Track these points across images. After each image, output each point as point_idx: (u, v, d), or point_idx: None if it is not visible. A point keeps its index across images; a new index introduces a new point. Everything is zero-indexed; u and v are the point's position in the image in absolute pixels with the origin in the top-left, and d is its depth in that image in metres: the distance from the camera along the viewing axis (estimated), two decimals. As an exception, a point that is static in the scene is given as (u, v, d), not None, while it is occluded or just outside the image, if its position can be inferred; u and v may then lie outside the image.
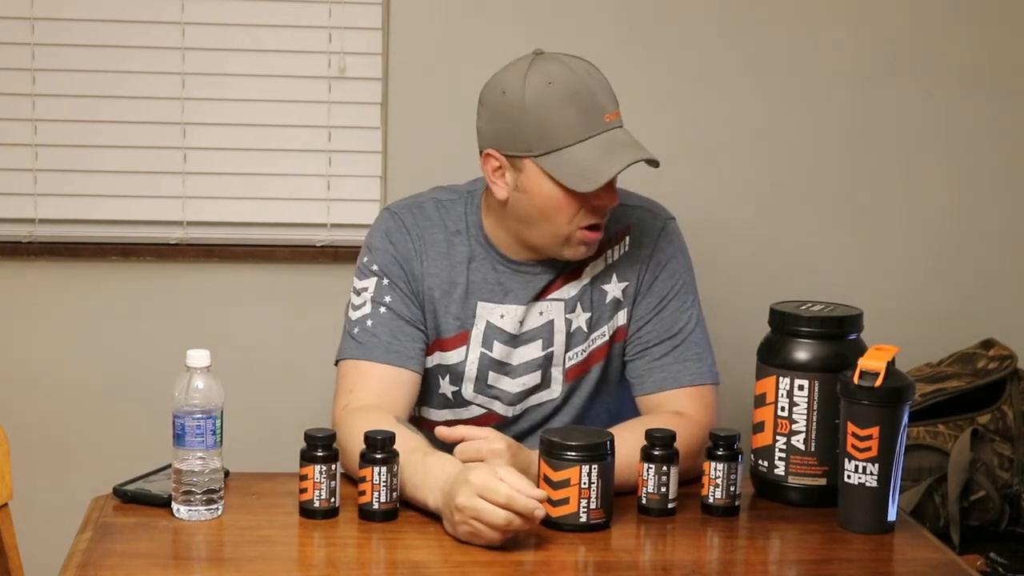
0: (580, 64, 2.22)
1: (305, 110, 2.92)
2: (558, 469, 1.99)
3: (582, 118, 2.16)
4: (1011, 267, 3.08)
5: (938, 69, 3.00)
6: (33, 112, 2.88)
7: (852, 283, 3.01)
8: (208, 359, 1.99)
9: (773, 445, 2.15)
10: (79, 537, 1.96)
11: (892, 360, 2.04)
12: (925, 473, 2.71)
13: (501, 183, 2.22)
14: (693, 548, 2.01)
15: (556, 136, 2.16)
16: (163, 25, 2.86)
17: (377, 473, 2.00)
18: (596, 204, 2.19)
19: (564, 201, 2.18)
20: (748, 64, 2.96)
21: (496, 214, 2.29)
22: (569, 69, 2.19)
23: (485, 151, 2.23)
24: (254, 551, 1.92)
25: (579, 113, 2.16)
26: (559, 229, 2.21)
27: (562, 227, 2.21)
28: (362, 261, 2.34)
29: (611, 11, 2.92)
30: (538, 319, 2.31)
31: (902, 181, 3.03)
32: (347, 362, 2.27)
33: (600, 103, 2.18)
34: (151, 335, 2.94)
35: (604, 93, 2.20)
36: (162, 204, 2.92)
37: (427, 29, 2.90)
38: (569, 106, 2.16)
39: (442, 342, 2.32)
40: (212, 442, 1.99)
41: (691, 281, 2.35)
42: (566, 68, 2.19)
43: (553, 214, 2.20)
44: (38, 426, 2.92)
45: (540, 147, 2.17)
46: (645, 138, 2.84)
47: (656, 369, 2.29)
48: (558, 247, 2.23)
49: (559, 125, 2.16)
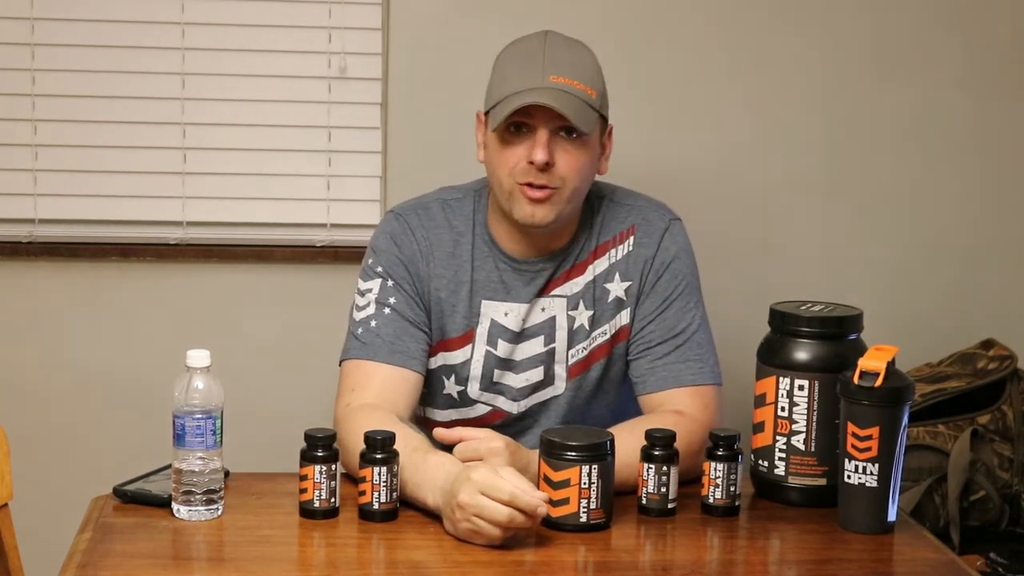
0: (563, 40, 2.27)
1: (305, 110, 2.92)
2: (558, 469, 1.99)
3: (525, 72, 2.20)
4: (1011, 267, 3.08)
5: (939, 69, 3.00)
6: (33, 112, 2.88)
7: (852, 283, 3.00)
8: (208, 359, 1.99)
9: (773, 445, 2.15)
10: (79, 537, 1.96)
11: (892, 360, 2.04)
12: (925, 473, 2.71)
13: (480, 143, 2.30)
14: (693, 548, 2.01)
15: (500, 88, 2.23)
16: (163, 25, 2.86)
17: (377, 473, 2.00)
18: (528, 160, 2.20)
19: (500, 152, 2.23)
20: (749, 63, 2.96)
21: (492, 201, 2.30)
22: (540, 37, 2.26)
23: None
24: (254, 551, 1.92)
25: (523, 68, 2.21)
26: (503, 183, 2.24)
27: (504, 180, 2.23)
28: (367, 263, 2.34)
29: (613, 10, 2.92)
30: (540, 315, 2.32)
31: (902, 181, 3.03)
32: (350, 362, 2.27)
33: (549, 65, 2.21)
34: (151, 335, 2.94)
35: (565, 62, 2.22)
36: (162, 204, 2.93)
37: (427, 29, 2.90)
38: (517, 62, 2.23)
39: (447, 342, 2.33)
40: (212, 442, 1.99)
41: (695, 282, 2.35)
42: (538, 36, 2.26)
43: (495, 167, 2.25)
44: (38, 426, 2.91)
45: (490, 100, 2.25)
46: (645, 137, 2.83)
47: (658, 368, 2.29)
48: (509, 206, 2.25)
49: (504, 78, 2.23)
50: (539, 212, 2.23)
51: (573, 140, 2.21)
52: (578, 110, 2.19)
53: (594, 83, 2.24)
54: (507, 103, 2.19)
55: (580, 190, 2.26)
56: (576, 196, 2.25)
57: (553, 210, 2.23)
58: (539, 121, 2.19)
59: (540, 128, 2.19)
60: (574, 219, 2.32)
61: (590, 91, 2.22)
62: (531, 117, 2.19)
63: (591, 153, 2.25)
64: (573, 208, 2.27)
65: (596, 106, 2.23)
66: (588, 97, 2.21)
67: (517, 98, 2.18)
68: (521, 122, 2.20)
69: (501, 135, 2.22)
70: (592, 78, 2.24)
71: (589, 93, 2.21)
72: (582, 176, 2.24)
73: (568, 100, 2.18)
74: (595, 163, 2.28)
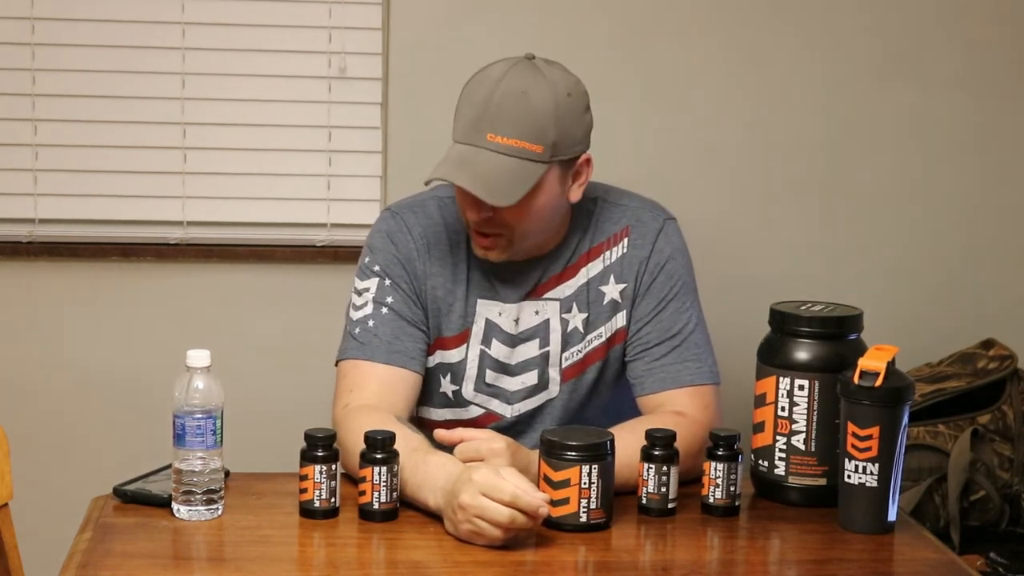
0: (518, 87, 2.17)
1: (305, 110, 2.92)
2: (558, 469, 1.99)
3: (470, 124, 2.18)
4: (1012, 267, 3.08)
5: (939, 69, 3.00)
6: (33, 112, 2.88)
7: (852, 283, 3.00)
8: (208, 359, 1.99)
9: (773, 445, 2.15)
10: (79, 537, 1.96)
11: (892, 360, 2.04)
12: (925, 473, 2.71)
13: None
14: (693, 548, 2.01)
15: (455, 127, 2.22)
16: (163, 25, 2.86)
17: (377, 473, 2.00)
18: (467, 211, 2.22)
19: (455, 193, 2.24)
20: (749, 63, 2.96)
21: None
22: (493, 84, 2.17)
23: None
24: (254, 551, 1.92)
25: (469, 119, 2.18)
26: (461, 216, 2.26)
27: (461, 218, 2.26)
28: (364, 262, 2.34)
29: (611, 10, 2.92)
30: (534, 318, 2.32)
31: (903, 181, 3.03)
32: (348, 362, 2.27)
33: (490, 121, 2.16)
34: (151, 335, 2.94)
35: (509, 118, 2.15)
36: (162, 204, 2.93)
37: (427, 29, 2.90)
38: (469, 107, 2.19)
39: (444, 340, 2.32)
40: (212, 442, 1.99)
41: (690, 282, 2.35)
42: (492, 82, 2.18)
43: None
44: (38, 426, 2.92)
45: (453, 134, 2.23)
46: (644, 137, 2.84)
47: (656, 369, 2.29)
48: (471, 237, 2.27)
49: (458, 118, 2.21)
50: (492, 254, 2.25)
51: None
52: (505, 180, 2.14)
53: (543, 135, 2.16)
54: (441, 165, 2.17)
55: (536, 227, 2.23)
56: (532, 233, 2.24)
57: (505, 251, 2.24)
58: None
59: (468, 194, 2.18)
60: (559, 229, 2.30)
61: (534, 147, 2.15)
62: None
63: (546, 195, 2.20)
64: (535, 241, 2.27)
65: (545, 159, 2.16)
66: (529, 154, 2.15)
67: (443, 167, 2.17)
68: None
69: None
70: (540, 131, 2.16)
71: (532, 149, 2.15)
72: (532, 217, 2.21)
73: (493, 172, 2.14)
74: (555, 199, 2.22)
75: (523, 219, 2.20)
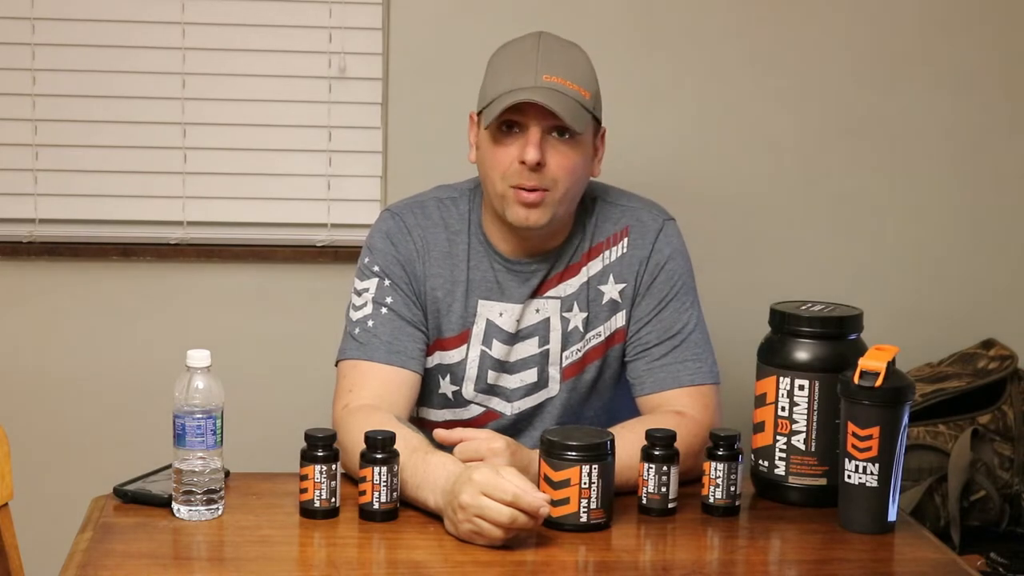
0: (557, 41, 2.25)
1: (305, 110, 2.92)
2: (558, 469, 1.99)
3: (518, 72, 2.20)
4: (1011, 267, 3.08)
5: (940, 69, 3.00)
6: (33, 112, 2.88)
7: (852, 283, 3.01)
8: (208, 359, 1.99)
9: (773, 445, 2.15)
10: (79, 537, 1.96)
11: (892, 360, 2.04)
12: (925, 473, 2.71)
13: (472, 144, 2.30)
14: (693, 548, 2.01)
15: (493, 87, 2.22)
16: (163, 25, 2.86)
17: (377, 473, 2.00)
18: (520, 160, 2.20)
19: (492, 151, 2.23)
20: (749, 63, 2.96)
21: (485, 201, 2.30)
22: (534, 38, 2.25)
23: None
24: (254, 551, 1.92)
25: (517, 68, 2.20)
26: (495, 186, 2.23)
27: (497, 183, 2.23)
28: (363, 262, 2.34)
29: (612, 10, 2.92)
30: (535, 316, 2.32)
31: (903, 181, 3.03)
32: (347, 362, 2.27)
33: (542, 65, 2.20)
34: (151, 335, 2.94)
35: (558, 62, 2.21)
36: (162, 204, 2.93)
37: (427, 29, 2.90)
38: (510, 62, 2.22)
39: (443, 341, 2.32)
40: (212, 442, 1.99)
41: (690, 282, 2.35)
42: (532, 37, 2.25)
43: (487, 168, 2.24)
44: (38, 426, 2.92)
45: (483, 99, 2.24)
46: (643, 138, 2.84)
47: (656, 369, 2.29)
48: (502, 209, 2.24)
49: (497, 78, 2.22)
50: (532, 216, 2.22)
51: (565, 140, 2.21)
52: (571, 109, 2.18)
53: (588, 84, 2.23)
54: (500, 101, 2.18)
55: (573, 192, 2.25)
56: (569, 198, 2.25)
57: (546, 213, 2.22)
58: (531, 120, 2.19)
59: (532, 127, 2.19)
60: (568, 220, 2.31)
61: (584, 92, 2.21)
62: (523, 116, 2.19)
63: (584, 154, 2.24)
64: (567, 210, 2.27)
65: (589, 107, 2.22)
66: (581, 98, 2.21)
67: (510, 96, 2.17)
68: (513, 121, 2.20)
69: (493, 134, 2.21)
70: (586, 79, 2.23)
71: (583, 94, 2.21)
72: (575, 177, 2.23)
73: (561, 99, 2.18)
74: (588, 165, 2.27)
75: (570, 172, 2.21)
